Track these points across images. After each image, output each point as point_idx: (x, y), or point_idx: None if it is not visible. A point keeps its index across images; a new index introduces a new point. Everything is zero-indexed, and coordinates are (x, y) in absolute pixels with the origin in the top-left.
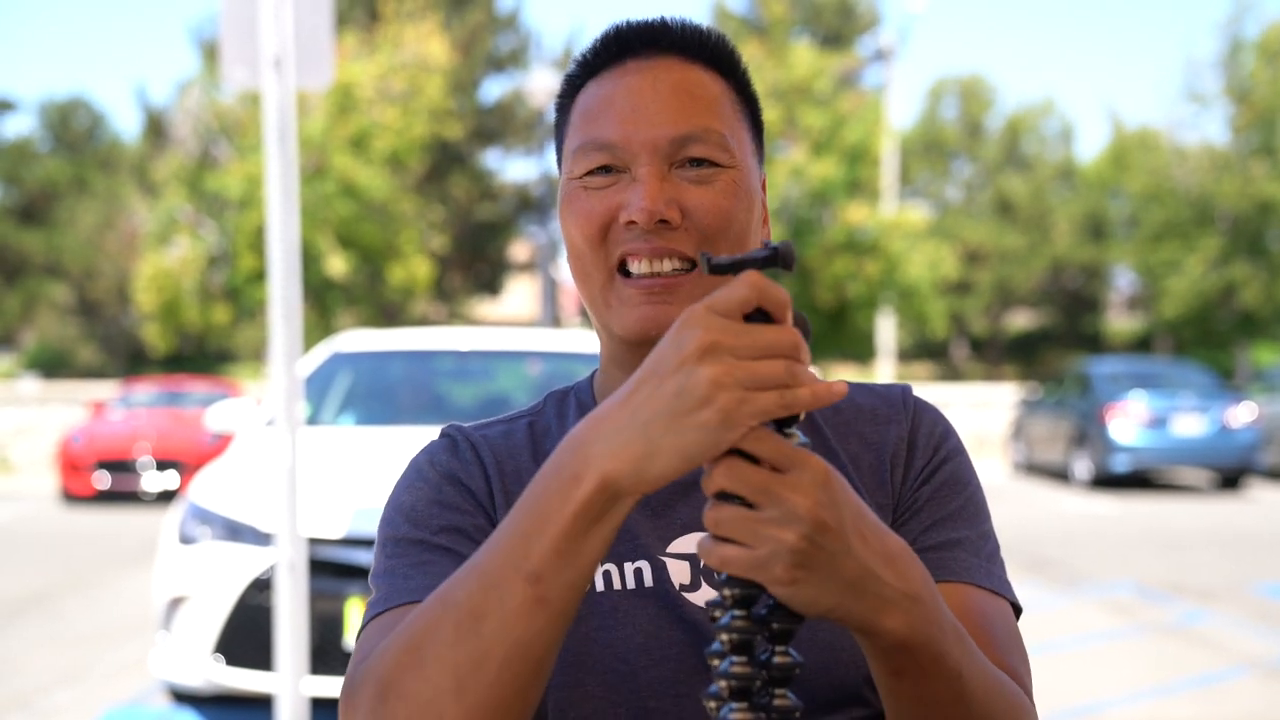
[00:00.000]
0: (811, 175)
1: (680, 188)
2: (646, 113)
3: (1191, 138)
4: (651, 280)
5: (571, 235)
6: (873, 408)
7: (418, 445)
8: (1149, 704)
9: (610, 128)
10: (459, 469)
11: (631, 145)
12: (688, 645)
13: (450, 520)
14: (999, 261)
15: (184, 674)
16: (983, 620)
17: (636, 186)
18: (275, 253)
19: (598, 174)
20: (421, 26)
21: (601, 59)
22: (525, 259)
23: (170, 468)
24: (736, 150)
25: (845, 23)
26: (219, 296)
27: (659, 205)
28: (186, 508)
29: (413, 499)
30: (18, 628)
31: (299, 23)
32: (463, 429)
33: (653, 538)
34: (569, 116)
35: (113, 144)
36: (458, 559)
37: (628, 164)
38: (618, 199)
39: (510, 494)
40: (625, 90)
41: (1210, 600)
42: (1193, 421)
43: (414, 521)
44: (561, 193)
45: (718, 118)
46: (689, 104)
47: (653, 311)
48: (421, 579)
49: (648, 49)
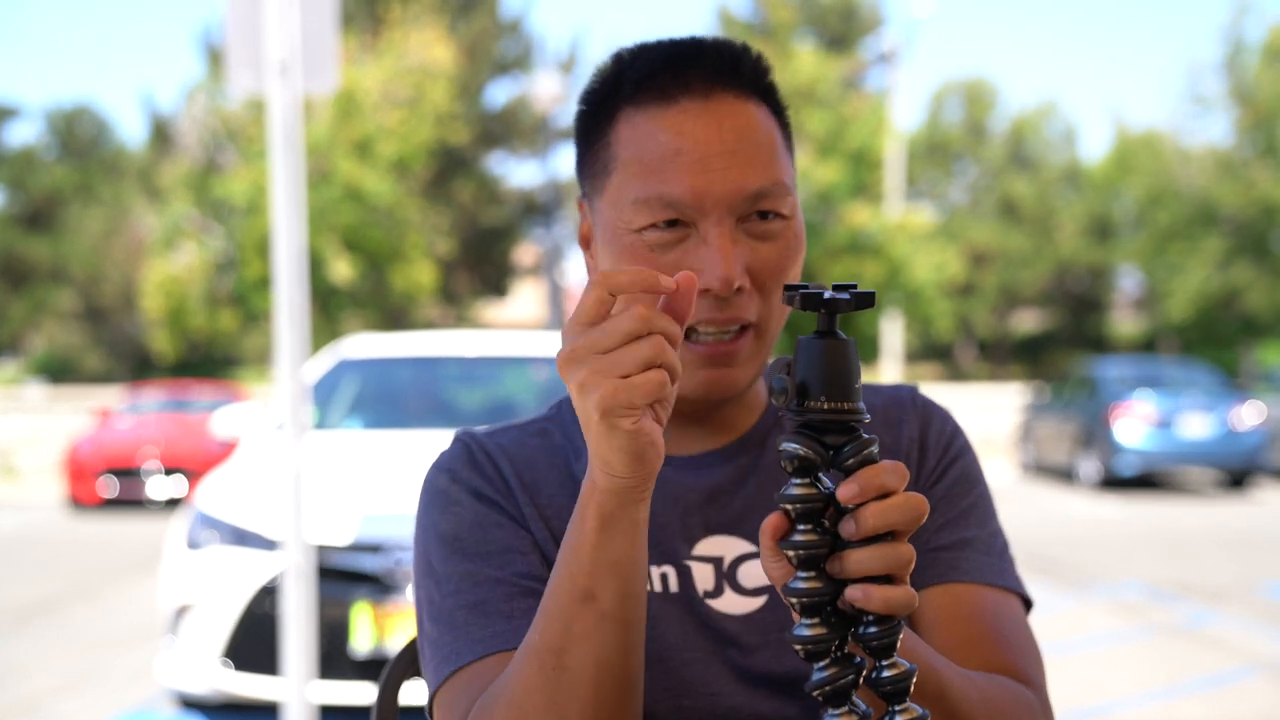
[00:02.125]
0: (816, 178)
1: (748, 246)
2: (718, 168)
3: (1195, 140)
4: (714, 348)
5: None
6: (884, 408)
7: (424, 450)
8: (1157, 705)
9: (679, 183)
10: (483, 485)
11: (704, 204)
12: (712, 651)
13: (496, 541)
14: (1004, 263)
15: (191, 681)
16: (994, 621)
17: (709, 251)
18: (281, 258)
19: (662, 228)
20: (426, 31)
21: (649, 88)
22: (531, 263)
23: (177, 474)
24: (791, 198)
25: (849, 26)
26: (225, 302)
27: (735, 274)
28: (193, 514)
29: (453, 526)
30: (25, 634)
31: (304, 28)
32: (476, 436)
33: (679, 540)
34: (608, 145)
35: (118, 150)
36: (510, 586)
37: (695, 222)
38: (689, 262)
39: (536, 504)
40: (692, 140)
41: (1218, 601)
42: (1199, 422)
43: (461, 550)
44: (612, 237)
45: (779, 165)
46: (755, 154)
47: (716, 375)
48: (482, 627)
49: (701, 84)
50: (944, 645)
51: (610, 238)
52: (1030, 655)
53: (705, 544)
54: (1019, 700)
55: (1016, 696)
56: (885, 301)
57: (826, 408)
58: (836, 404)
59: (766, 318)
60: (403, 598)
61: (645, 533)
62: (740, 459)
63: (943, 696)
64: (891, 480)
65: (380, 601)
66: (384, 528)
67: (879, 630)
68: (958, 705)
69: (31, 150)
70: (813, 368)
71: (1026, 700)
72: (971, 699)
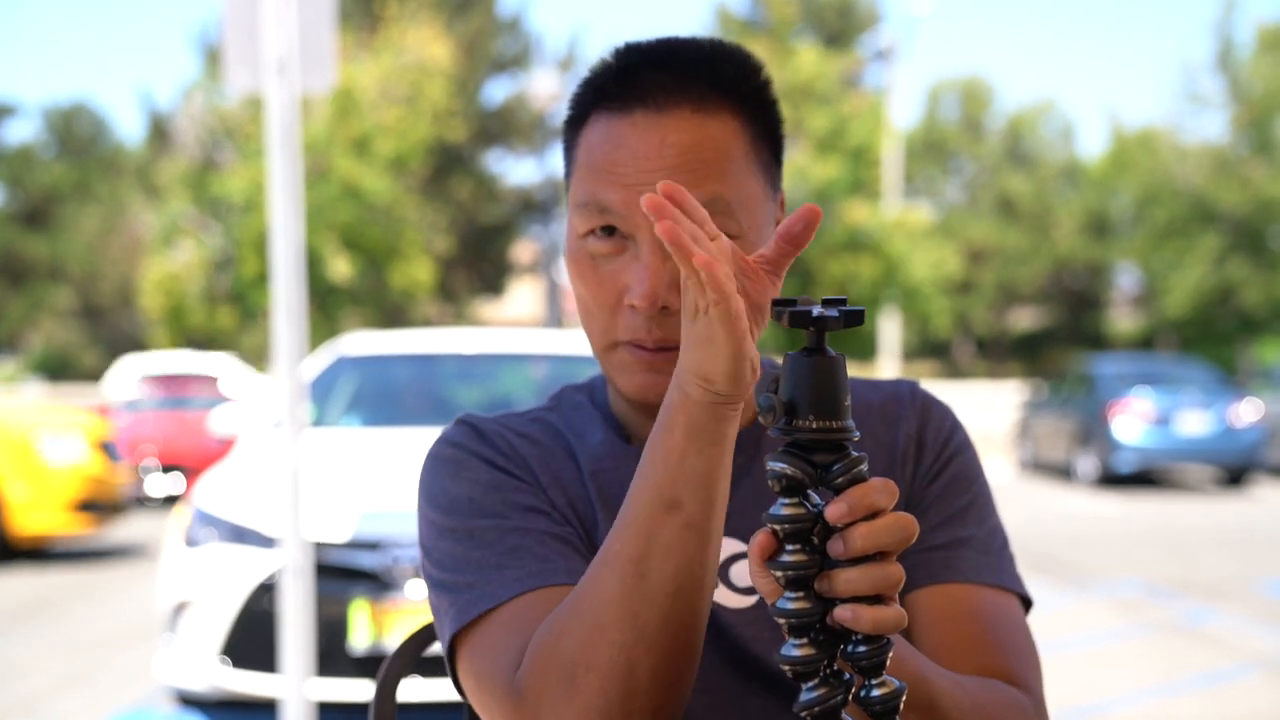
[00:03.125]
0: (814, 176)
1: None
2: (651, 180)
3: (1191, 138)
4: (652, 354)
5: (580, 295)
6: (882, 405)
7: (423, 447)
8: (1155, 702)
9: (612, 190)
10: (495, 455)
11: (634, 215)
12: (710, 651)
13: (517, 502)
14: (1002, 261)
15: (189, 678)
16: (988, 622)
17: (639, 267)
18: (279, 256)
19: (600, 235)
20: (424, 29)
21: (613, 94)
22: (528, 260)
23: (174, 471)
24: (744, 213)
25: (847, 23)
26: (223, 300)
27: (660, 291)
28: (191, 512)
29: (467, 489)
30: (23, 632)
31: (301, 26)
32: (481, 419)
33: None
34: (577, 142)
35: (116, 148)
36: (541, 534)
37: (631, 232)
38: (623, 278)
39: (553, 475)
40: (630, 152)
41: (1217, 598)
42: (1197, 419)
43: (479, 510)
44: (566, 242)
45: (725, 180)
46: (697, 169)
47: (653, 380)
48: (518, 568)
49: (658, 95)
50: (937, 647)
51: (567, 241)
52: (1026, 657)
53: None
54: (1011, 705)
55: (1009, 702)
56: (883, 299)
57: (815, 426)
58: (825, 422)
59: None
60: (401, 595)
61: (732, 448)
62: (737, 458)
63: (933, 706)
64: (881, 499)
65: (378, 599)
66: (382, 525)
67: (868, 649)
68: (948, 713)
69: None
70: (801, 386)
71: (1020, 705)
72: (963, 706)
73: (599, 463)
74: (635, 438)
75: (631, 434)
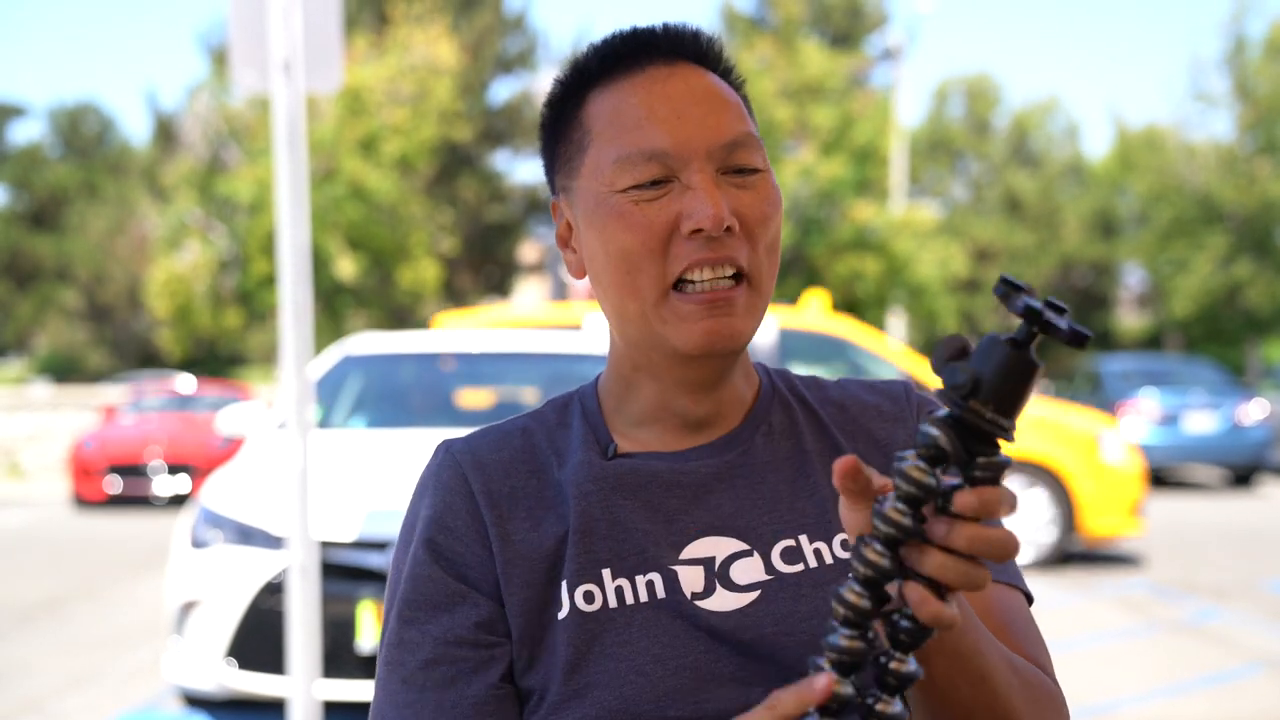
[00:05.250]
0: (821, 174)
1: (730, 194)
2: (693, 119)
3: (1198, 136)
4: (712, 294)
5: (623, 247)
6: (878, 405)
7: (429, 448)
8: (1163, 702)
9: (659, 136)
10: (449, 546)
11: (684, 153)
12: (703, 653)
13: (444, 630)
14: (1008, 259)
15: (196, 678)
16: (1003, 616)
17: (696, 194)
18: (285, 256)
19: (645, 187)
20: (430, 29)
21: (614, 66)
22: (534, 260)
23: (182, 472)
24: (762, 154)
25: (853, 22)
26: (230, 300)
27: (724, 212)
28: (198, 512)
29: (411, 584)
30: (30, 633)
31: (308, 26)
32: (455, 451)
33: (664, 546)
34: (581, 125)
35: (122, 149)
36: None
37: (677, 173)
38: (676, 208)
39: (502, 519)
40: (664, 97)
41: (1223, 598)
42: (1204, 419)
43: (414, 606)
44: (594, 206)
45: (747, 122)
46: (725, 109)
47: (715, 325)
48: (433, 692)
49: (665, 50)
50: None
51: (594, 206)
52: (1044, 649)
53: (695, 547)
54: (1052, 693)
55: (1050, 691)
56: (889, 298)
57: (988, 416)
58: (998, 416)
59: (757, 269)
60: None
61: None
62: (727, 455)
63: (984, 679)
64: (1004, 510)
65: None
66: (389, 524)
67: (911, 628)
68: (997, 689)
69: (36, 148)
70: (994, 372)
71: (1058, 694)
72: (1012, 685)
73: (579, 486)
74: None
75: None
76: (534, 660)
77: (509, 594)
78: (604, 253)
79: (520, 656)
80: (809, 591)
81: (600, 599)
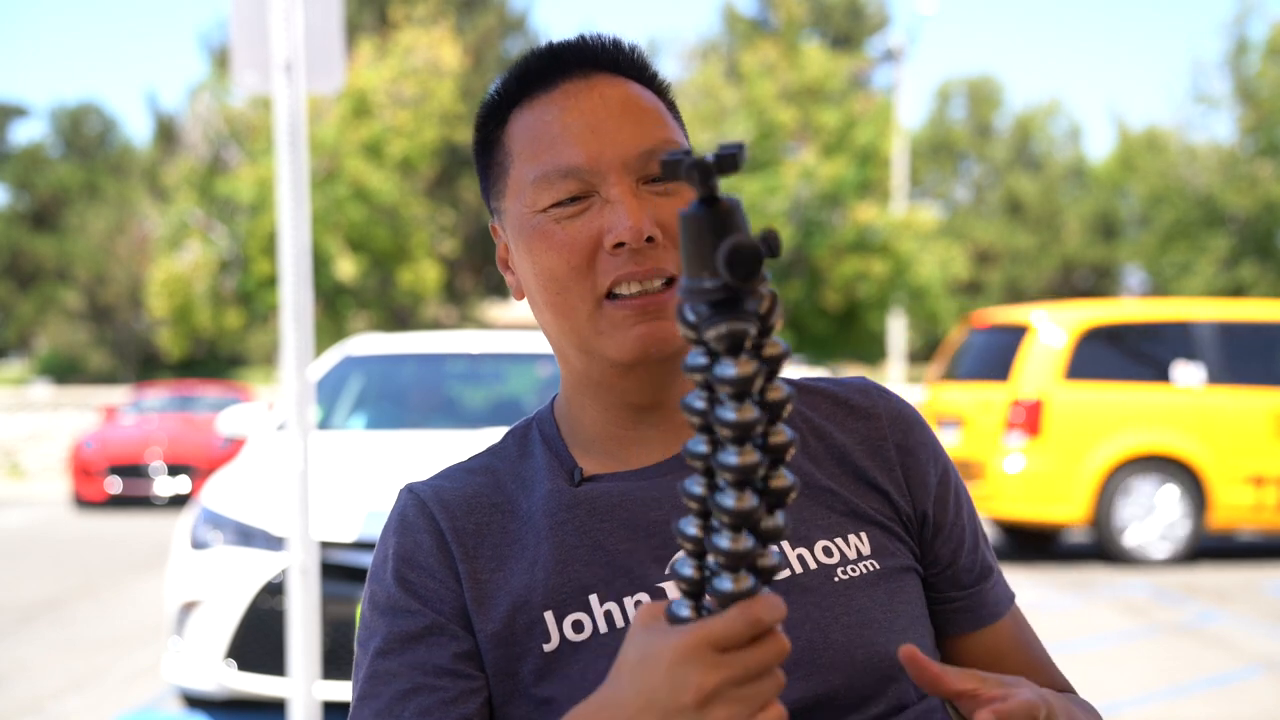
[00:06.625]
0: (822, 176)
1: (651, 202)
2: (607, 131)
3: (1200, 138)
4: (643, 300)
5: (549, 268)
6: (847, 398)
7: (429, 448)
8: (1163, 704)
9: (572, 152)
10: (421, 582)
11: (599, 166)
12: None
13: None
14: (1009, 261)
15: (196, 679)
16: (1028, 646)
17: (615, 208)
18: (286, 257)
19: (564, 205)
20: (433, 31)
21: (532, 84)
22: None
23: (182, 472)
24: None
25: (855, 24)
26: (231, 301)
27: (644, 223)
28: (198, 513)
29: (388, 619)
30: (30, 633)
31: (309, 27)
32: (419, 492)
33: (648, 563)
34: (503, 146)
35: (124, 149)
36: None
37: (596, 187)
38: (597, 224)
39: (470, 556)
40: (577, 112)
41: (1224, 600)
42: None
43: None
44: (520, 228)
45: (668, 128)
46: (643, 118)
47: (649, 329)
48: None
49: (582, 65)
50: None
51: (519, 229)
52: (1052, 663)
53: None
54: (1090, 707)
55: (1091, 706)
56: (891, 300)
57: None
58: (734, 279)
59: None
60: None
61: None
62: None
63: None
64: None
65: None
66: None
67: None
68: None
69: (37, 148)
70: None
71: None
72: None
73: (552, 517)
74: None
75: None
76: (512, 695)
77: (481, 629)
78: (534, 274)
79: (497, 692)
80: (797, 597)
81: (590, 626)
